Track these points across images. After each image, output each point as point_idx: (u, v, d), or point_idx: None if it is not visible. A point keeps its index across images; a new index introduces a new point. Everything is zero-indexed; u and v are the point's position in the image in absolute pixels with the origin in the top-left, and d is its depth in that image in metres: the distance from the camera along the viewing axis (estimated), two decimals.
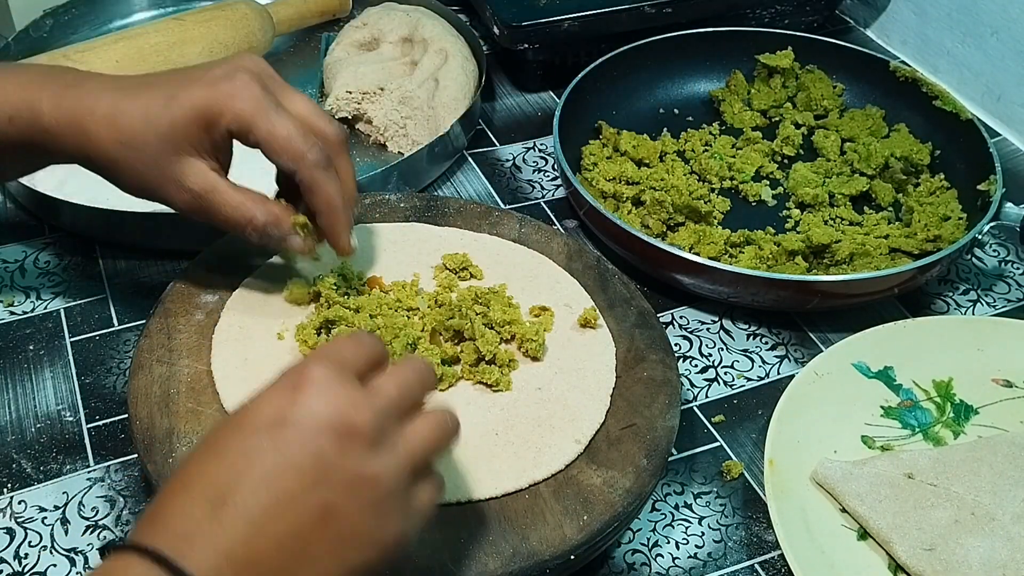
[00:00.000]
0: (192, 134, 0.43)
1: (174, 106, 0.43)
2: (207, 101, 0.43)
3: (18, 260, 0.61)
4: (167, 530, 0.32)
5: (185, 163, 0.44)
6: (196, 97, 0.43)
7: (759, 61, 0.75)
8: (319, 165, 0.45)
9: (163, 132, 0.43)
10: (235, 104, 0.43)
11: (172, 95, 0.43)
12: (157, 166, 0.44)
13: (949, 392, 0.55)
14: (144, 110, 0.43)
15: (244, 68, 0.45)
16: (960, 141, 0.68)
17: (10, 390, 0.54)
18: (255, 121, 0.44)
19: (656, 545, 0.48)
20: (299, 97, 0.47)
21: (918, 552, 0.46)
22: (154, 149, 0.43)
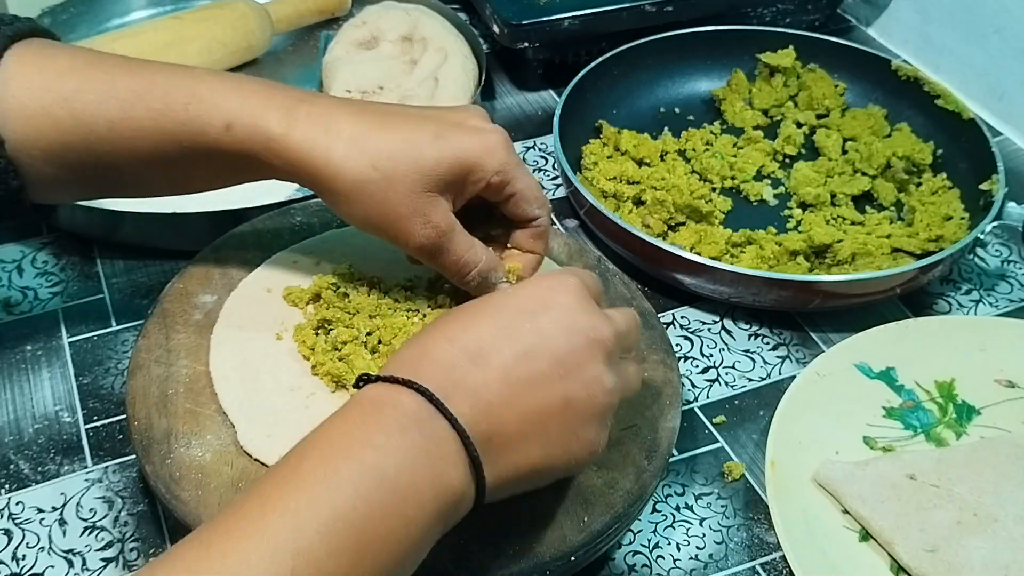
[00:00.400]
0: (455, 177, 0.43)
1: (443, 146, 0.43)
2: (477, 151, 0.43)
3: (16, 260, 0.61)
4: (434, 371, 0.36)
5: (438, 203, 0.43)
6: (467, 144, 0.43)
7: (760, 60, 0.75)
8: (550, 215, 0.47)
9: (427, 168, 0.42)
10: (501, 156, 0.44)
11: (440, 135, 0.43)
12: (408, 200, 0.42)
13: (951, 393, 0.55)
14: (406, 141, 0.42)
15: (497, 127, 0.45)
16: (962, 140, 0.67)
17: (8, 390, 0.53)
18: (517, 174, 0.44)
19: (657, 546, 0.48)
20: None
21: (920, 553, 0.46)
22: (412, 182, 0.42)
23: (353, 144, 0.42)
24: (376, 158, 0.42)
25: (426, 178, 0.42)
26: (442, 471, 0.35)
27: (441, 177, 0.43)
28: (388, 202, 0.42)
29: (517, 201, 0.45)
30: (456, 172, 0.43)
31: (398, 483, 0.33)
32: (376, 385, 0.37)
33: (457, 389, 0.36)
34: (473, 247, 0.45)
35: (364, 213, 0.43)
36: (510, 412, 0.37)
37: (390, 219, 0.43)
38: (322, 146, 0.42)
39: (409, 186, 0.42)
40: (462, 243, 0.44)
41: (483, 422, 0.36)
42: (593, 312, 0.39)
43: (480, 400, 0.36)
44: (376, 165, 0.42)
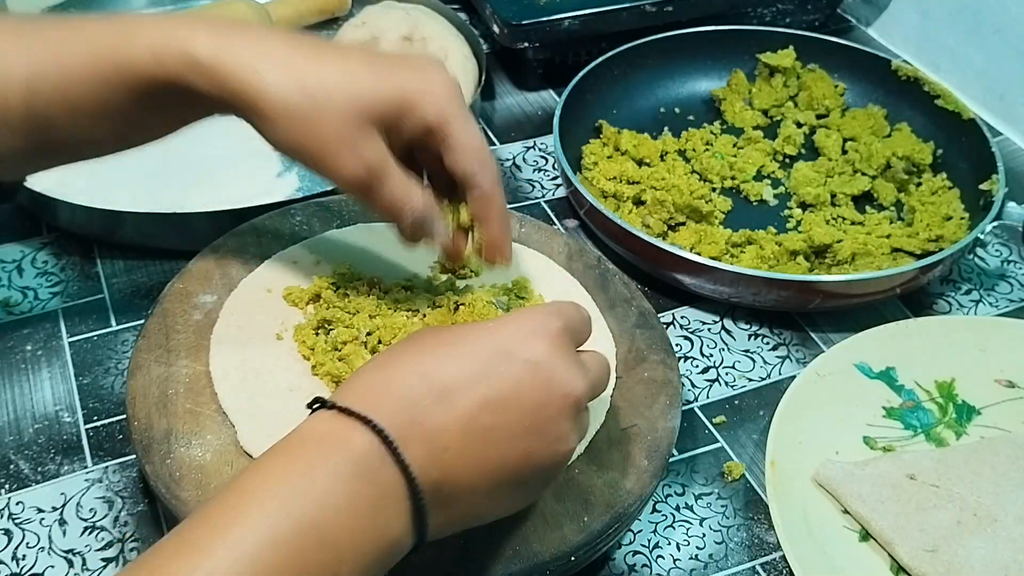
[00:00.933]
0: (389, 112, 0.41)
1: (381, 79, 0.41)
2: (416, 87, 0.41)
3: (16, 260, 0.61)
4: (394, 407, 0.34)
5: (369, 134, 0.41)
6: (406, 79, 0.41)
7: (760, 60, 0.75)
8: (498, 178, 0.44)
9: (361, 97, 0.40)
10: (440, 100, 0.41)
11: (378, 69, 0.41)
12: (338, 129, 0.40)
13: (951, 393, 0.55)
14: (342, 71, 0.40)
15: (444, 69, 0.43)
16: (962, 140, 0.67)
17: (7, 390, 0.53)
18: (455, 121, 0.42)
19: (657, 546, 0.48)
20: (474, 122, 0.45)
21: (920, 553, 0.46)
22: (343, 111, 0.40)
23: (284, 67, 0.40)
24: (307, 82, 0.40)
25: (359, 108, 0.40)
26: (385, 522, 0.33)
27: (376, 109, 0.40)
28: (316, 130, 0.40)
29: (452, 152, 0.42)
30: (392, 107, 0.41)
31: (337, 540, 0.31)
32: (330, 416, 0.34)
33: (414, 430, 0.34)
34: (409, 189, 0.42)
35: (291, 138, 0.41)
36: (466, 462, 0.34)
37: (317, 147, 0.41)
38: (251, 66, 0.40)
39: (340, 114, 0.40)
40: (396, 182, 0.42)
41: (435, 470, 0.34)
42: (571, 366, 0.37)
43: (437, 446, 0.34)
44: (306, 89, 0.40)
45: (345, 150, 0.41)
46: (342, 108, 0.40)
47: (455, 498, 0.35)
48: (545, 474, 0.37)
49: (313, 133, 0.40)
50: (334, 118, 0.40)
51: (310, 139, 0.41)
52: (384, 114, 0.41)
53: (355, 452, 0.33)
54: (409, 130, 0.42)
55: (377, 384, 0.35)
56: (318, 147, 0.41)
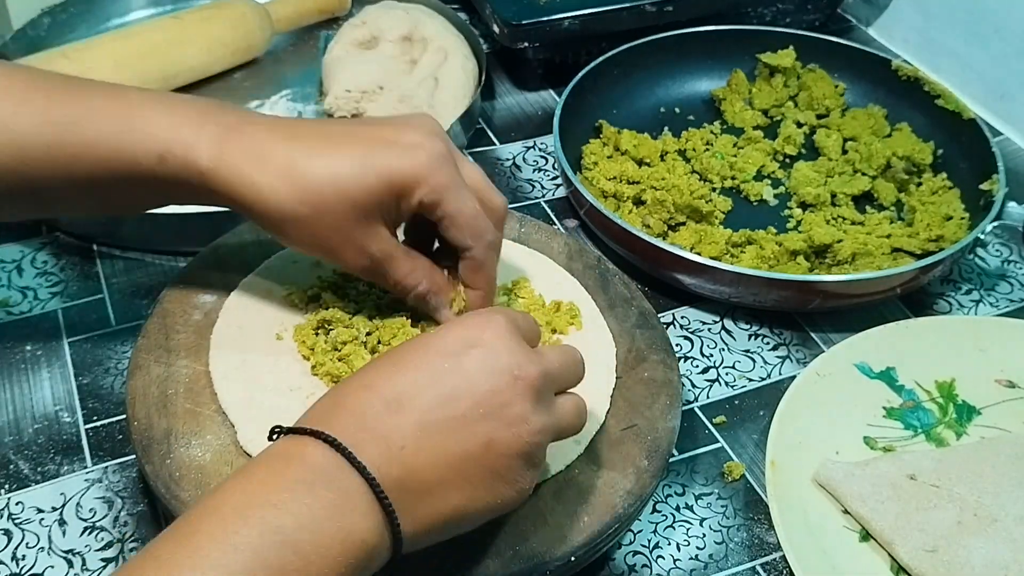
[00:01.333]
0: (384, 203, 0.42)
1: (369, 174, 0.41)
2: (405, 172, 0.42)
3: (15, 260, 0.61)
4: (346, 420, 0.35)
5: (371, 230, 0.42)
6: (394, 166, 0.42)
7: (760, 60, 0.75)
8: (492, 247, 0.45)
9: (355, 199, 0.41)
10: (431, 178, 0.42)
11: (365, 161, 0.41)
12: (340, 231, 0.42)
13: (952, 393, 0.55)
14: (333, 173, 0.41)
15: (436, 135, 0.43)
16: (962, 140, 0.67)
17: (7, 391, 0.53)
18: (448, 196, 0.42)
19: (657, 547, 0.48)
20: (472, 167, 0.46)
21: (920, 553, 0.46)
22: (341, 215, 0.41)
23: (281, 177, 0.41)
24: (304, 192, 0.41)
25: (355, 208, 0.41)
26: (351, 526, 0.33)
27: (371, 205, 0.42)
28: (319, 235, 0.42)
29: (447, 226, 0.43)
30: (385, 197, 0.42)
31: (300, 543, 0.32)
32: (286, 438, 0.35)
33: (368, 436, 0.35)
34: (414, 272, 0.44)
35: (299, 244, 0.44)
36: (426, 456, 0.35)
37: (324, 250, 0.43)
38: (249, 181, 0.41)
39: (339, 218, 0.42)
40: (401, 268, 0.44)
41: (395, 468, 0.34)
42: (518, 350, 0.37)
43: (392, 445, 0.35)
44: (303, 199, 0.41)
45: (348, 247, 0.43)
46: (339, 211, 0.42)
47: (425, 495, 0.35)
48: (515, 461, 0.37)
49: (316, 237, 0.43)
50: (333, 221, 0.42)
51: (314, 241, 0.43)
52: (380, 204, 0.42)
53: (311, 462, 0.34)
54: (407, 211, 0.43)
55: (328, 406, 0.36)
56: (322, 248, 0.43)
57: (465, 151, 0.71)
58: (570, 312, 0.52)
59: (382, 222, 0.43)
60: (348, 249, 0.43)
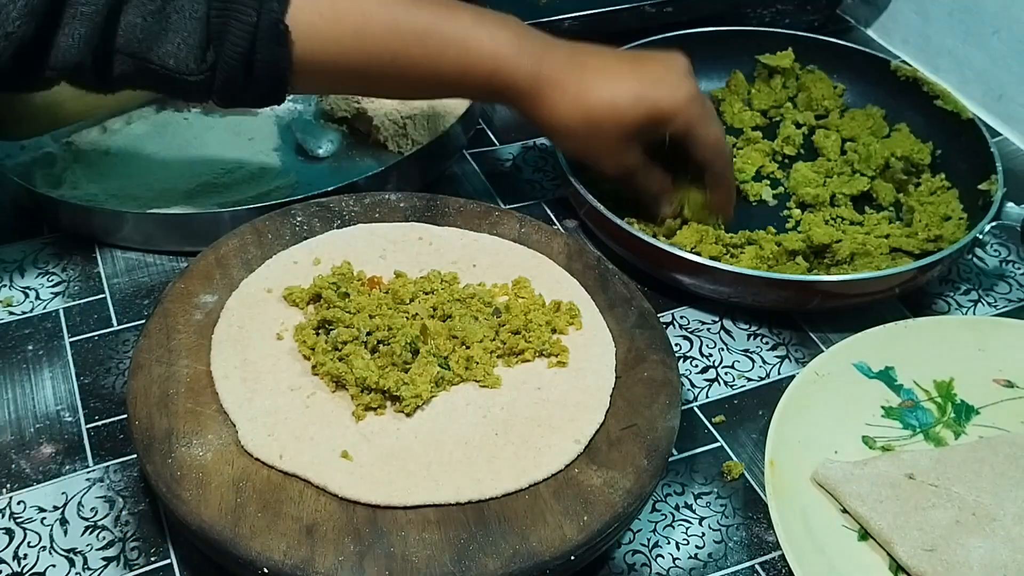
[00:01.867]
0: (646, 128, 0.55)
1: (640, 106, 0.54)
2: (668, 107, 0.55)
3: (17, 260, 0.61)
4: None
5: (631, 147, 0.57)
6: (661, 101, 0.55)
7: (759, 61, 0.75)
8: (729, 163, 0.60)
9: (626, 125, 0.55)
10: (688, 111, 0.55)
11: (639, 95, 0.55)
12: (609, 145, 0.56)
13: (950, 392, 0.55)
14: (613, 102, 0.54)
15: (689, 73, 0.56)
16: (961, 141, 0.67)
17: (9, 390, 0.53)
18: (699, 127, 0.56)
19: (656, 546, 0.48)
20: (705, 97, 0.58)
21: (919, 553, 0.46)
22: (613, 133, 0.55)
23: (574, 102, 0.54)
24: (589, 115, 0.55)
25: (624, 131, 0.55)
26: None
27: (635, 128, 0.55)
28: (592, 146, 0.57)
29: (695, 147, 0.57)
30: (648, 124, 0.55)
31: None
32: None
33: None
34: (653, 181, 0.59)
35: (573, 148, 0.60)
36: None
37: (592, 156, 0.58)
38: (551, 103, 0.55)
39: (611, 136, 0.55)
40: (644, 177, 0.59)
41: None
42: None
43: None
44: (588, 119, 0.55)
45: (610, 158, 0.57)
46: (612, 132, 0.55)
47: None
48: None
49: (590, 148, 0.57)
50: (605, 137, 0.56)
51: (588, 151, 0.58)
52: (642, 129, 0.56)
53: None
54: (660, 136, 0.56)
55: None
56: (592, 155, 0.58)
57: (465, 152, 0.72)
58: (570, 312, 0.52)
59: (639, 141, 0.57)
60: (611, 158, 0.57)
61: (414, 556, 0.41)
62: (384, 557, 0.41)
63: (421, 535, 0.42)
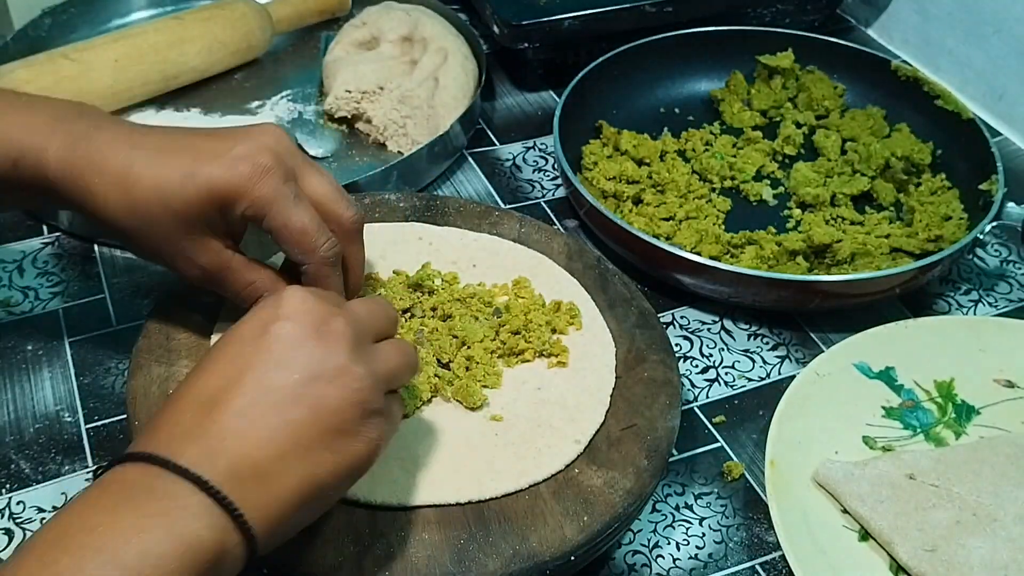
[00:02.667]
0: (207, 214, 0.42)
1: (189, 186, 0.42)
2: (225, 184, 0.42)
3: (16, 260, 0.61)
4: (159, 436, 0.34)
5: (198, 242, 0.43)
6: (214, 178, 0.42)
7: (759, 62, 0.75)
8: (327, 262, 0.44)
9: (177, 211, 0.42)
10: (253, 191, 0.42)
11: (189, 172, 0.42)
12: (169, 241, 0.43)
13: (951, 392, 0.55)
14: (157, 184, 0.42)
15: (266, 148, 0.43)
16: (961, 141, 0.67)
17: (8, 390, 0.53)
18: (272, 210, 0.42)
19: (657, 546, 0.48)
20: (320, 177, 0.45)
21: (919, 553, 0.46)
22: (167, 226, 0.42)
23: (115, 188, 0.42)
24: (134, 203, 0.42)
25: (179, 220, 0.42)
26: (184, 530, 0.31)
27: (194, 218, 0.42)
28: (152, 244, 0.44)
29: (278, 240, 0.43)
30: (207, 209, 0.42)
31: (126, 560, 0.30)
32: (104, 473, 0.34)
33: (186, 441, 0.33)
34: (252, 286, 0.45)
35: (138, 253, 0.46)
36: (254, 438, 0.34)
37: (160, 258, 0.45)
38: (88, 191, 0.42)
39: (165, 231, 0.43)
40: (239, 280, 0.45)
41: (221, 460, 0.33)
42: (318, 309, 0.37)
43: (213, 440, 0.33)
44: (134, 211, 0.42)
45: (180, 259, 0.44)
46: (165, 222, 0.42)
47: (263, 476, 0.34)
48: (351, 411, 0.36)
49: (151, 250, 0.44)
50: (162, 232, 0.43)
51: (149, 251, 0.45)
52: (203, 216, 0.42)
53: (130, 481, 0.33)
54: (234, 222, 0.43)
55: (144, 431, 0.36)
56: (157, 258, 0.45)
57: (465, 152, 0.71)
58: (570, 312, 0.52)
59: (210, 234, 0.43)
60: (179, 260, 0.44)
61: (414, 556, 0.41)
62: (384, 557, 0.41)
63: (421, 535, 0.42)
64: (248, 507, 0.33)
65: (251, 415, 0.34)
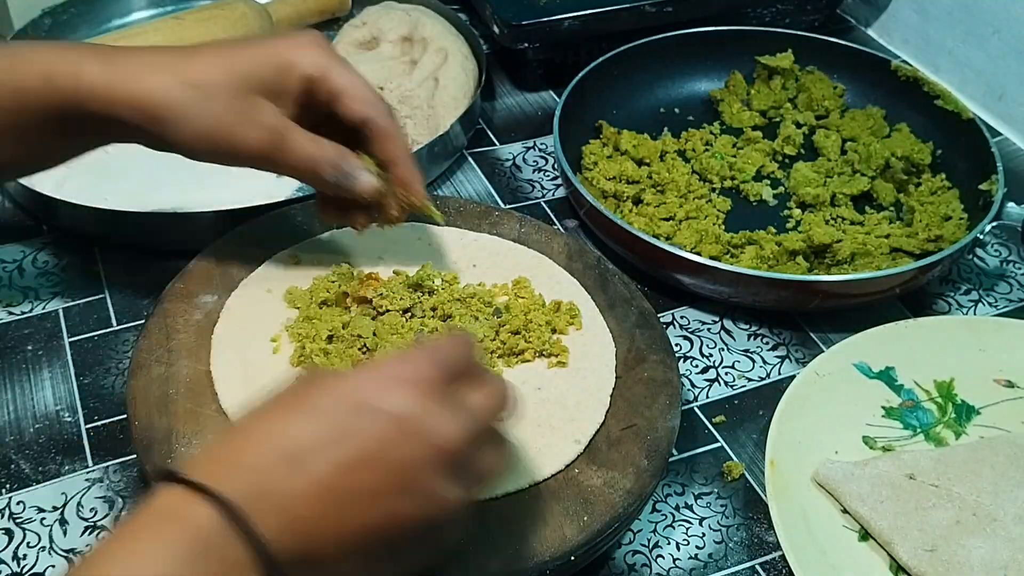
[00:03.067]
0: (268, 78, 0.43)
1: (250, 52, 0.43)
2: (284, 50, 0.43)
3: (16, 260, 0.61)
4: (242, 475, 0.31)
5: (261, 102, 0.43)
6: (272, 46, 0.43)
7: (759, 62, 0.75)
8: (390, 113, 0.45)
9: (241, 71, 0.42)
10: (311, 53, 0.44)
11: (245, 46, 0.43)
12: (232, 106, 0.42)
13: (951, 392, 0.55)
14: (219, 55, 0.43)
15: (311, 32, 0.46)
16: (961, 141, 0.67)
17: (8, 390, 0.53)
18: (331, 69, 0.44)
19: (657, 546, 0.48)
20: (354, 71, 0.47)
21: (919, 553, 0.46)
22: (230, 88, 0.42)
23: (167, 70, 0.42)
24: (192, 75, 0.42)
25: (242, 81, 0.42)
26: None
27: (256, 76, 0.42)
28: (212, 113, 0.42)
29: (341, 100, 0.44)
30: (271, 70, 0.43)
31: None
32: (173, 489, 0.31)
33: (266, 500, 0.31)
34: (317, 141, 0.44)
35: (193, 131, 0.43)
36: (326, 529, 0.32)
37: (219, 130, 0.43)
38: (137, 78, 0.42)
39: (227, 92, 0.42)
40: (303, 141, 0.43)
41: (292, 541, 0.31)
42: (441, 412, 0.33)
43: (291, 514, 0.31)
44: (193, 81, 0.42)
45: (243, 122, 0.43)
46: (227, 87, 0.42)
47: (319, 568, 0.32)
48: (423, 534, 0.34)
49: (210, 118, 0.42)
50: (223, 98, 0.42)
51: (210, 126, 0.43)
52: (264, 79, 0.43)
53: (199, 527, 0.30)
54: (293, 88, 0.43)
55: (225, 455, 0.32)
56: (218, 129, 0.43)
57: (465, 152, 0.72)
58: (570, 312, 0.52)
59: (271, 98, 0.43)
60: (243, 125, 0.42)
61: None
62: None
63: None
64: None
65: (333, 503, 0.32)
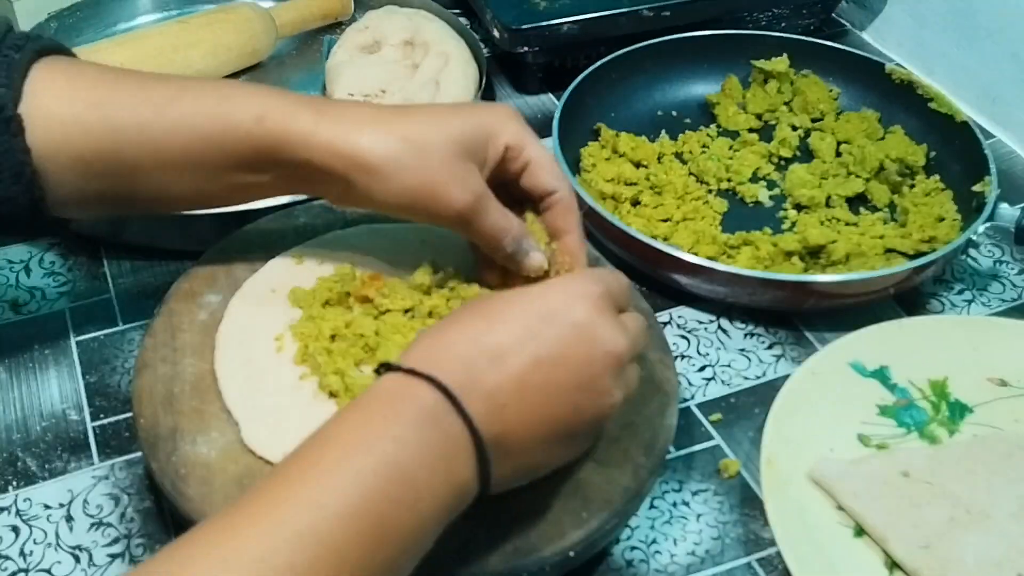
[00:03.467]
0: (478, 142, 0.45)
1: (463, 116, 0.46)
2: (488, 118, 0.46)
3: (23, 260, 0.62)
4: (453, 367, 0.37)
5: (471, 166, 0.45)
6: (482, 112, 0.46)
7: (754, 66, 0.75)
8: (571, 188, 0.48)
9: (454, 135, 0.45)
10: (511, 124, 0.46)
11: (456, 109, 0.46)
12: (445, 166, 0.44)
13: (945, 391, 0.55)
14: (431, 117, 0.45)
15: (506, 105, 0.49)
16: (955, 143, 0.68)
17: (15, 389, 0.54)
18: (528, 140, 0.47)
19: (654, 542, 0.49)
20: None
21: (914, 549, 0.46)
22: (445, 150, 0.44)
23: (383, 124, 0.44)
24: (406, 133, 0.44)
25: (456, 144, 0.44)
26: (454, 467, 0.36)
27: (468, 143, 0.45)
28: (425, 170, 0.44)
29: (533, 170, 0.47)
30: (478, 138, 0.45)
31: (415, 478, 0.35)
32: (395, 376, 0.37)
33: (474, 388, 0.37)
34: (506, 213, 0.46)
35: (402, 185, 0.44)
36: (522, 416, 0.38)
37: (429, 187, 0.45)
38: (354, 129, 0.44)
39: (443, 152, 0.44)
40: (496, 209, 0.46)
41: (495, 424, 0.37)
42: (613, 324, 0.40)
43: (495, 402, 0.37)
44: (408, 139, 0.44)
45: (455, 183, 0.45)
46: (443, 148, 0.44)
47: (515, 450, 0.38)
48: (592, 426, 0.41)
49: (422, 176, 0.44)
50: (439, 157, 0.44)
51: (421, 182, 0.44)
52: (474, 143, 0.45)
53: (423, 404, 0.36)
54: (495, 155, 0.46)
55: (436, 349, 0.38)
56: (428, 186, 0.45)
57: None
58: None
59: (476, 163, 0.46)
60: (455, 186, 0.44)
61: None
62: None
63: None
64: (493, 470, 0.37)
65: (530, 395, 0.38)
